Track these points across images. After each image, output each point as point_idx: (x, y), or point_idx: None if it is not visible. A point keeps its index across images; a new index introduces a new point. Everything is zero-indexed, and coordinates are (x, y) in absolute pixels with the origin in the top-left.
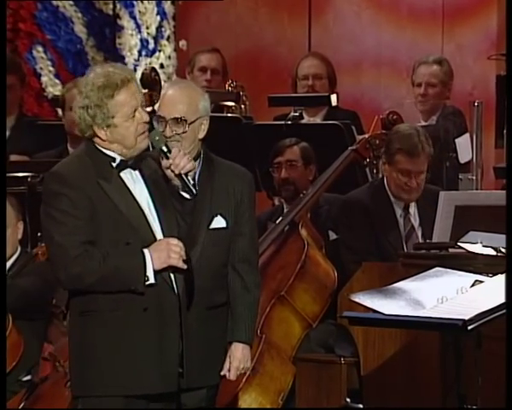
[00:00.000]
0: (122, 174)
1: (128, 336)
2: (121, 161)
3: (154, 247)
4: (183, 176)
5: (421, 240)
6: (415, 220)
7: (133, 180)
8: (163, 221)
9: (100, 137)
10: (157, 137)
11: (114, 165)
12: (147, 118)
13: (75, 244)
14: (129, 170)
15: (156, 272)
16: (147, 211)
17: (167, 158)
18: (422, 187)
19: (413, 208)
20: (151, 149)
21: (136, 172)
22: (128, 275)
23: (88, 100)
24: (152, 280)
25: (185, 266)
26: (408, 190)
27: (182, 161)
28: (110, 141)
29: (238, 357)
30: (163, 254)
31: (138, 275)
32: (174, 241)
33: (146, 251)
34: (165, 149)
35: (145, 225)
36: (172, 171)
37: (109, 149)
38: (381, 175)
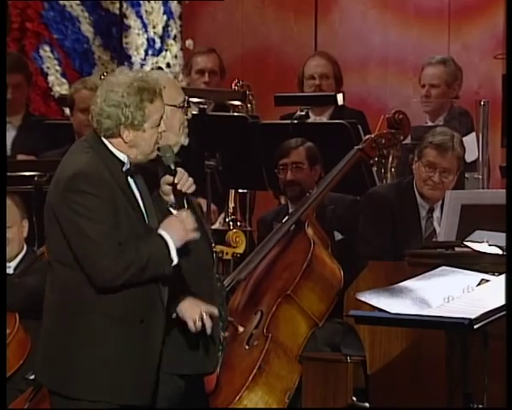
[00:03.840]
0: (129, 180)
1: (118, 343)
2: (129, 166)
3: (169, 227)
4: (185, 196)
5: None
6: (437, 224)
7: (134, 187)
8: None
9: (122, 138)
10: (168, 154)
11: (124, 169)
12: (165, 128)
13: (112, 242)
14: (132, 179)
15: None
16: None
17: (172, 175)
18: (449, 188)
19: (437, 213)
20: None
21: (133, 179)
22: (158, 260)
23: (126, 100)
24: (176, 260)
25: (199, 236)
26: (431, 186)
27: (188, 182)
28: (130, 145)
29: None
30: (181, 232)
31: (165, 258)
32: (183, 214)
33: (165, 234)
34: (172, 166)
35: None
36: (176, 189)
37: (123, 153)
38: (389, 172)
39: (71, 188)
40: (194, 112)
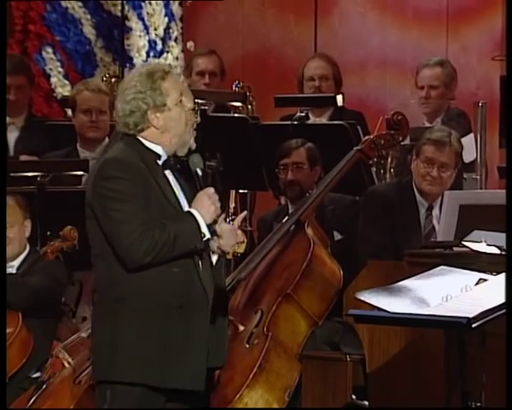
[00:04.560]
0: (166, 172)
1: (160, 329)
2: (166, 159)
3: (199, 204)
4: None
5: None
6: (436, 222)
7: (173, 182)
8: None
9: (153, 126)
10: (195, 160)
11: (160, 162)
12: (192, 105)
13: (139, 221)
14: (169, 171)
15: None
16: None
17: (198, 181)
18: (447, 183)
19: (436, 211)
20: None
21: (173, 175)
22: (188, 237)
23: (140, 86)
24: (208, 235)
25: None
26: (430, 181)
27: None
28: (162, 130)
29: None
30: (211, 207)
31: (195, 234)
32: (211, 190)
33: (195, 212)
34: (199, 172)
35: None
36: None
37: (157, 144)
38: (388, 173)
39: (101, 175)
40: None
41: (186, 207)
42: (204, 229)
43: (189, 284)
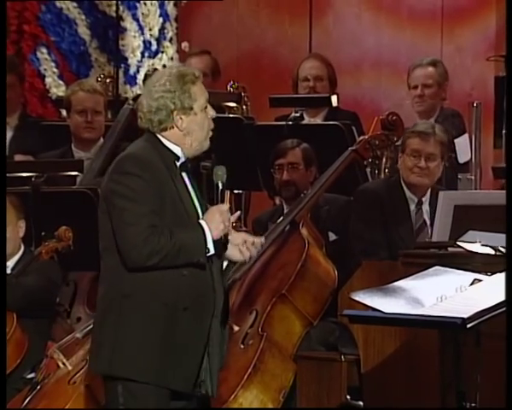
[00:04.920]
0: (183, 174)
1: (164, 328)
2: (184, 161)
3: (209, 218)
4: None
5: (430, 237)
6: (427, 217)
7: (190, 184)
8: None
9: (177, 127)
10: (220, 172)
11: (178, 164)
12: (214, 114)
13: (146, 224)
14: (185, 173)
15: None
16: (199, 212)
17: (217, 194)
18: (435, 174)
19: (426, 206)
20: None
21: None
22: (192, 249)
23: (170, 86)
24: (212, 251)
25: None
26: (418, 173)
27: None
28: (185, 133)
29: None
30: (220, 225)
31: (200, 248)
32: (225, 207)
33: (204, 224)
34: (220, 186)
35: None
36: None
37: (177, 145)
38: (383, 173)
39: (118, 170)
40: None
41: (199, 210)
42: (210, 244)
43: (197, 287)
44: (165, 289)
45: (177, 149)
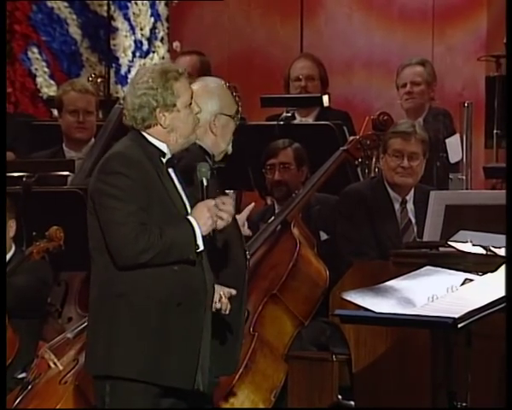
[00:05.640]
0: (169, 170)
1: (157, 326)
2: (170, 157)
3: (198, 215)
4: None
5: (416, 235)
6: (412, 215)
7: (177, 180)
8: None
9: (160, 125)
10: (203, 169)
11: (164, 160)
12: (198, 109)
13: (135, 222)
14: (172, 169)
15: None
16: (188, 208)
17: (202, 191)
18: (418, 173)
19: (410, 204)
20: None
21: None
22: (183, 247)
23: (152, 83)
24: (201, 247)
25: (225, 224)
26: (402, 173)
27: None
28: (169, 130)
29: None
30: (208, 221)
31: (191, 245)
32: (212, 202)
33: (193, 221)
34: (205, 182)
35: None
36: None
37: (162, 142)
38: (373, 173)
39: (103, 169)
40: None
41: (188, 206)
42: (199, 241)
43: (188, 282)
44: (157, 285)
45: (162, 146)
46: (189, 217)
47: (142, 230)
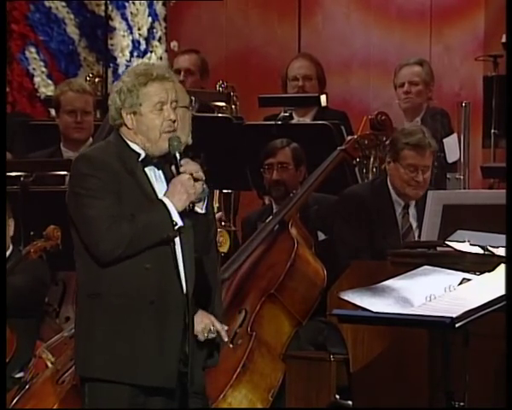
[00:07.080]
0: (146, 169)
1: (131, 325)
2: (146, 156)
3: (171, 191)
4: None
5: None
6: (413, 220)
7: (155, 178)
8: None
9: (127, 126)
10: (175, 143)
11: (140, 159)
12: (174, 117)
13: (107, 215)
14: (153, 167)
15: (182, 213)
16: None
17: (176, 165)
18: (428, 183)
19: (412, 209)
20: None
21: (160, 172)
22: (158, 226)
23: (122, 84)
24: (180, 223)
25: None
26: (415, 186)
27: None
28: (135, 132)
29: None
30: (183, 195)
31: (167, 223)
32: (185, 177)
33: (165, 199)
34: (178, 156)
35: None
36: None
37: (134, 143)
38: (371, 173)
39: (74, 173)
40: None
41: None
42: (175, 217)
43: (162, 280)
44: (129, 284)
45: (134, 146)
46: (162, 197)
47: (115, 220)
